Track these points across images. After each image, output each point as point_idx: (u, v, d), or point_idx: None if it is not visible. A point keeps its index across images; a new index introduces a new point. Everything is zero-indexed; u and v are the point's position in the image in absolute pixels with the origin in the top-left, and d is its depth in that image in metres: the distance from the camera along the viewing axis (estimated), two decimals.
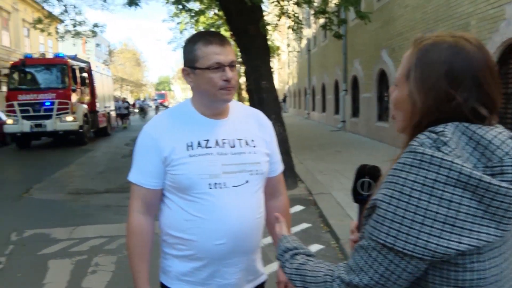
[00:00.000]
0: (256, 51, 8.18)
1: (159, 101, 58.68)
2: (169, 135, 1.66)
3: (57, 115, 16.16)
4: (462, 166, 0.91)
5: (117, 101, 27.33)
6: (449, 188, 0.91)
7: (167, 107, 56.47)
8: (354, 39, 17.06)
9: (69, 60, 17.35)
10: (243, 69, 9.87)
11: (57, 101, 16.17)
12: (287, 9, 10.79)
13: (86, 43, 43.35)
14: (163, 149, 1.65)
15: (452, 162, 0.91)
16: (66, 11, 16.11)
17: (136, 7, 9.88)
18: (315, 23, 22.50)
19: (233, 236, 1.63)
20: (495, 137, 0.97)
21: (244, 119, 1.78)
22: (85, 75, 18.24)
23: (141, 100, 50.22)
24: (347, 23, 13.33)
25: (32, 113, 16.03)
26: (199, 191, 1.61)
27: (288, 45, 32.64)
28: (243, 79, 17.28)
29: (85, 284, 4.34)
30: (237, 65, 1.66)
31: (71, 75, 16.84)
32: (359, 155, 11.15)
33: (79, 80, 17.48)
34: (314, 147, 13.47)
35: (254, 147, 1.72)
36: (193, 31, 21.70)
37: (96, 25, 16.96)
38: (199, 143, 1.64)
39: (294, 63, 37.03)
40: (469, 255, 0.93)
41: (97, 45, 58.98)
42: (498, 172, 0.93)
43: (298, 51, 32.78)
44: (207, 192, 1.61)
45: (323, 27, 10.57)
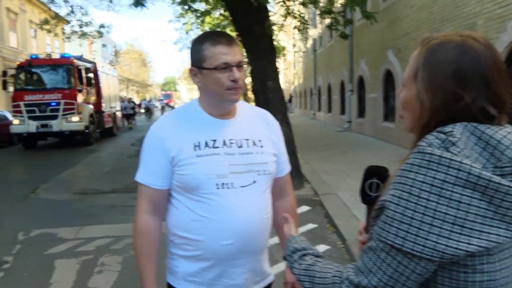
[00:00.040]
0: (262, 51, 8.18)
1: (165, 101, 58.77)
2: (176, 135, 1.65)
3: (63, 115, 16.21)
4: (471, 166, 0.90)
5: (122, 102, 27.31)
6: (458, 188, 0.90)
7: (173, 107, 56.58)
8: (360, 39, 17.02)
9: (75, 60, 17.38)
10: (248, 69, 9.86)
11: (63, 102, 16.22)
12: (293, 9, 10.78)
13: (92, 43, 43.56)
14: (170, 149, 1.64)
15: (461, 162, 0.90)
16: (72, 11, 16.18)
17: (142, 8, 9.93)
18: (321, 23, 22.47)
19: (240, 236, 1.62)
20: (505, 137, 0.96)
21: (251, 119, 1.78)
22: (91, 75, 18.26)
23: (147, 100, 50.30)
24: (353, 23, 13.30)
25: (38, 114, 16.09)
26: (206, 191, 1.61)
27: (294, 46, 32.61)
28: (248, 80, 17.28)
29: (91, 284, 4.36)
30: (244, 65, 1.65)
31: (77, 76, 16.88)
32: (365, 156, 11.12)
33: (85, 80, 17.50)
34: (320, 147, 13.44)
35: (261, 147, 1.71)
36: (199, 32, 21.71)
37: (102, 26, 17.02)
38: (206, 143, 1.64)
39: (300, 64, 37.00)
40: (479, 256, 0.92)
41: (103, 45, 59.20)
42: (508, 172, 0.92)
43: (304, 52, 32.74)
44: (214, 192, 1.61)
45: (329, 27, 10.55)
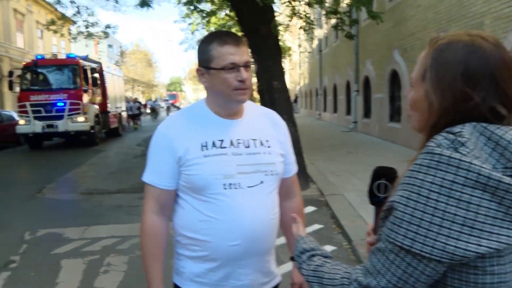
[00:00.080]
0: (267, 51, 8.17)
1: (170, 101, 58.92)
2: (184, 135, 1.65)
3: (68, 115, 16.23)
4: (480, 167, 0.89)
5: (128, 102, 27.29)
6: (467, 189, 0.89)
7: (178, 107, 56.72)
8: (365, 39, 16.98)
9: (81, 60, 17.39)
10: (254, 69, 9.87)
11: (68, 102, 16.23)
12: (298, 9, 10.77)
13: (98, 44, 43.75)
14: (177, 149, 1.64)
15: (470, 163, 0.89)
16: (78, 12, 16.24)
17: (148, 8, 9.96)
18: (327, 23, 22.45)
19: (247, 237, 1.62)
20: None
21: (258, 119, 1.77)
22: (96, 75, 18.25)
23: (153, 100, 50.42)
24: (358, 23, 13.27)
25: (44, 114, 16.12)
26: (213, 191, 1.60)
27: (299, 46, 32.59)
28: (254, 80, 17.30)
29: (97, 284, 4.36)
30: (252, 66, 1.65)
31: (82, 76, 16.89)
32: (371, 156, 11.09)
33: (90, 80, 17.52)
34: (325, 147, 13.42)
35: (268, 147, 1.71)
36: (204, 32, 21.72)
37: (108, 26, 17.08)
38: (213, 143, 1.63)
39: (305, 64, 36.96)
40: (489, 258, 0.92)
41: (109, 46, 59.40)
42: None
43: (309, 52, 32.71)
44: (221, 192, 1.60)
45: (335, 27, 10.54)
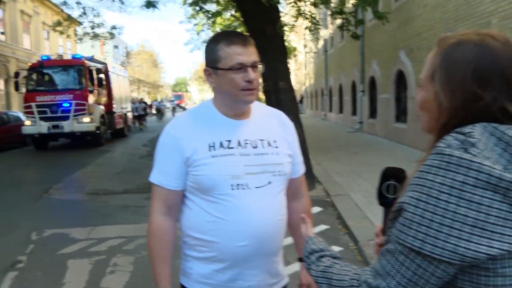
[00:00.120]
0: (273, 51, 8.16)
1: (176, 102, 59.11)
2: (191, 136, 1.64)
3: (74, 116, 16.26)
4: (491, 168, 0.88)
5: (133, 103, 27.28)
6: (478, 190, 0.88)
7: (184, 108, 56.89)
8: (371, 40, 16.94)
9: (86, 61, 17.42)
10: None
11: (74, 102, 16.26)
12: (304, 9, 10.76)
13: (104, 45, 43.97)
14: (185, 149, 1.63)
15: (481, 164, 0.88)
16: (84, 13, 16.33)
17: (153, 9, 9.99)
18: (332, 23, 22.40)
19: (255, 237, 1.61)
20: None
21: (266, 119, 1.76)
22: (102, 76, 18.26)
23: (158, 101, 50.54)
24: (364, 23, 13.24)
25: (49, 114, 16.17)
26: (221, 192, 1.60)
27: (305, 46, 32.53)
28: (259, 80, 17.25)
29: (103, 284, 4.37)
30: (259, 66, 1.64)
31: (88, 76, 16.90)
32: (377, 157, 11.06)
33: (96, 81, 17.54)
34: (331, 148, 13.40)
35: (276, 147, 1.70)
36: (210, 33, 21.75)
37: (114, 27, 17.15)
38: (221, 143, 1.63)
39: (311, 64, 36.92)
40: (501, 259, 0.90)
41: (115, 47, 59.60)
42: None
43: (315, 52, 32.66)
44: (229, 193, 1.59)
45: (340, 27, 10.52)
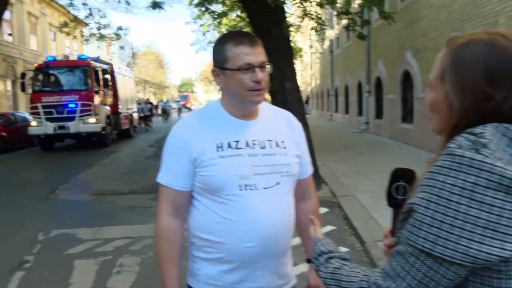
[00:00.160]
0: (279, 52, 8.16)
1: (181, 102, 59.23)
2: (199, 136, 1.64)
3: (80, 117, 16.29)
4: (503, 168, 0.87)
5: (139, 104, 27.32)
6: (490, 192, 0.87)
7: (189, 108, 56.99)
8: (377, 40, 16.90)
9: (92, 62, 17.45)
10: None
11: (80, 103, 16.29)
12: (309, 10, 10.75)
13: (110, 45, 44.14)
14: (192, 150, 1.62)
15: (493, 165, 0.87)
16: (91, 14, 16.43)
17: (159, 10, 10.00)
18: (338, 24, 22.36)
19: (263, 238, 1.60)
20: None
21: (274, 120, 1.75)
22: (107, 76, 18.28)
23: (164, 102, 50.65)
24: (370, 23, 13.21)
25: (55, 115, 16.21)
26: (229, 192, 1.59)
27: (310, 47, 32.50)
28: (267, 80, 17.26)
29: (110, 284, 4.38)
30: (267, 66, 1.63)
31: (93, 77, 16.91)
32: (383, 157, 11.03)
33: (101, 82, 17.56)
34: (337, 149, 13.38)
35: (284, 148, 1.69)
36: (215, 33, 21.82)
37: (120, 28, 17.24)
38: (229, 144, 1.62)
39: (316, 65, 36.90)
40: None
41: (121, 47, 59.82)
42: None
43: (320, 53, 32.63)
44: (237, 193, 1.58)
45: (346, 28, 10.50)
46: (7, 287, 4.34)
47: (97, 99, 16.95)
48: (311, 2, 10.35)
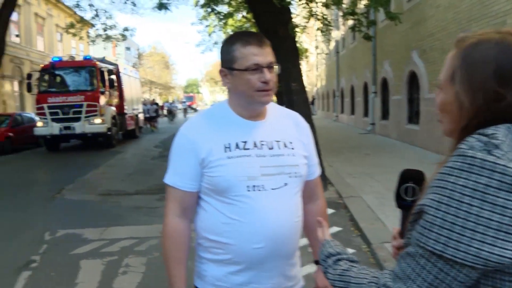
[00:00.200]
0: (285, 52, 8.15)
1: (187, 103, 59.30)
2: (206, 137, 1.63)
3: (85, 117, 16.34)
4: None
5: (145, 105, 27.32)
6: (502, 193, 0.86)
7: (195, 109, 57.08)
8: (383, 41, 16.85)
9: (98, 62, 17.47)
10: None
11: (85, 104, 16.33)
12: (315, 11, 10.74)
13: (116, 46, 44.31)
14: (200, 150, 1.62)
15: (505, 166, 0.86)
16: (97, 15, 16.51)
17: (165, 11, 10.03)
18: (344, 24, 22.33)
19: (271, 239, 1.59)
20: None
21: (282, 120, 1.74)
22: (113, 77, 18.30)
23: (170, 102, 50.75)
24: (376, 24, 13.18)
25: (61, 116, 16.26)
26: (237, 193, 1.58)
27: (316, 47, 32.50)
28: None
29: (116, 284, 4.38)
30: (275, 67, 1.62)
31: (99, 78, 16.94)
32: (389, 158, 11.00)
33: (107, 82, 17.58)
34: (343, 150, 13.35)
35: (292, 149, 1.68)
36: (221, 34, 21.87)
37: (126, 29, 17.30)
38: (237, 144, 1.61)
39: (322, 65, 36.86)
40: None
41: (127, 48, 60.04)
42: None
43: (326, 53, 32.60)
44: (245, 194, 1.57)
45: (352, 28, 10.47)
46: (14, 286, 4.36)
47: (102, 100, 16.98)
48: (317, 2, 10.34)
